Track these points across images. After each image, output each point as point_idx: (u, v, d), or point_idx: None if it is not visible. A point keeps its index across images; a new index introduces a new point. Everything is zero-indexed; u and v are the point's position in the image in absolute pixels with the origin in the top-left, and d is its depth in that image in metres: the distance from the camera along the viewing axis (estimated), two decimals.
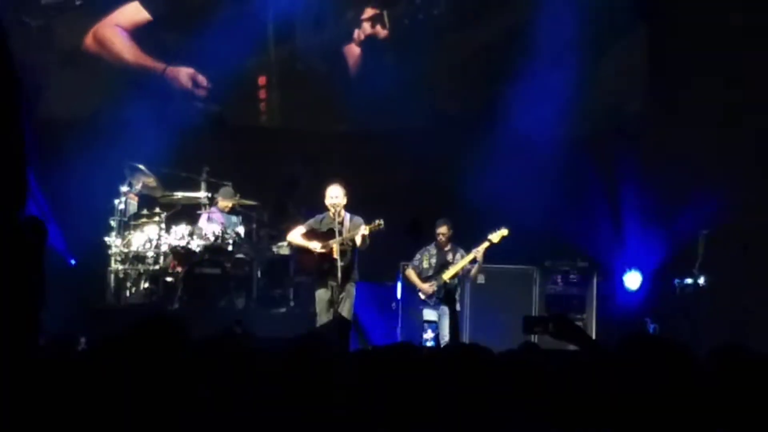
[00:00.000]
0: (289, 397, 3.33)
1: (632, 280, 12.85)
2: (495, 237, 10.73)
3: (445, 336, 10.44)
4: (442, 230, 11.02)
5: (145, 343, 3.13)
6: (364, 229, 9.93)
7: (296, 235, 10.37)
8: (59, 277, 11.75)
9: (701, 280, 11.39)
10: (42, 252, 3.30)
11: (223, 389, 3.44)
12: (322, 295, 10.09)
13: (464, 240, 11.05)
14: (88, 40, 13.20)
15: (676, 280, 11.68)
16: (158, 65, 13.25)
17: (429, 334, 10.47)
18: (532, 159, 12.53)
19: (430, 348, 9.72)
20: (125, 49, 13.20)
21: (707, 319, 11.13)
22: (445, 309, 10.71)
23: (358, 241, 9.95)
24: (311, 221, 10.36)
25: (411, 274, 11.10)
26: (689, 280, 11.45)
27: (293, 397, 3.32)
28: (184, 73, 13.33)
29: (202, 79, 13.33)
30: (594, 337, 11.39)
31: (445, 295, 10.79)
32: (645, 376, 3.02)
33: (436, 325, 10.62)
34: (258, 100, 13.68)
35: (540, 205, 12.19)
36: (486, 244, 10.73)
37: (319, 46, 13.40)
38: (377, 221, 9.99)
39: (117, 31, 13.18)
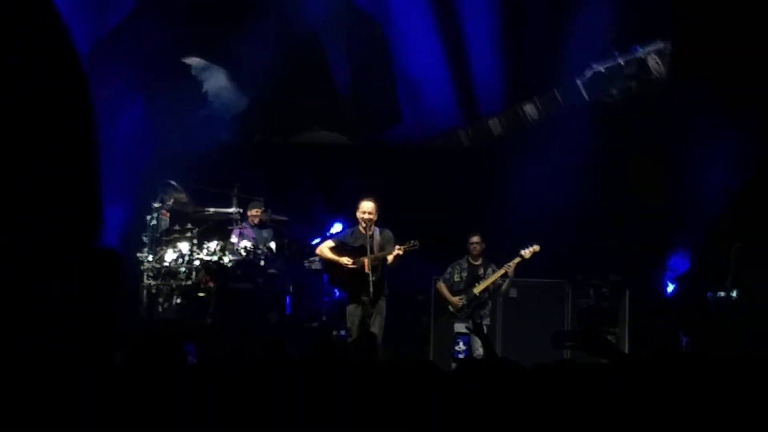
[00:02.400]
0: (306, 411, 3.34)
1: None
2: (527, 253, 10.76)
3: (478, 349, 10.39)
4: (475, 239, 11.08)
5: (169, 358, 3.16)
6: (399, 249, 9.89)
7: (325, 249, 10.35)
8: None
9: (734, 294, 11.30)
10: (118, 278, 3.35)
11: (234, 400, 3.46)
12: (352, 310, 10.05)
13: (497, 255, 11.04)
14: None
15: (710, 293, 11.58)
16: None
17: (461, 347, 10.46)
18: (562, 171, 12.48)
19: (460, 360, 9.71)
20: None
21: (741, 332, 11.00)
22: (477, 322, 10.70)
23: (390, 259, 9.92)
24: (341, 235, 10.34)
25: (442, 287, 11.12)
26: (722, 294, 11.36)
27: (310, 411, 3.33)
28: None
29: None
30: (627, 350, 11.32)
31: (473, 311, 10.80)
32: (674, 391, 3.01)
33: (468, 337, 10.60)
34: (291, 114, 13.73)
35: (572, 218, 12.13)
36: (517, 260, 10.78)
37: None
38: (412, 241, 9.90)
39: None
